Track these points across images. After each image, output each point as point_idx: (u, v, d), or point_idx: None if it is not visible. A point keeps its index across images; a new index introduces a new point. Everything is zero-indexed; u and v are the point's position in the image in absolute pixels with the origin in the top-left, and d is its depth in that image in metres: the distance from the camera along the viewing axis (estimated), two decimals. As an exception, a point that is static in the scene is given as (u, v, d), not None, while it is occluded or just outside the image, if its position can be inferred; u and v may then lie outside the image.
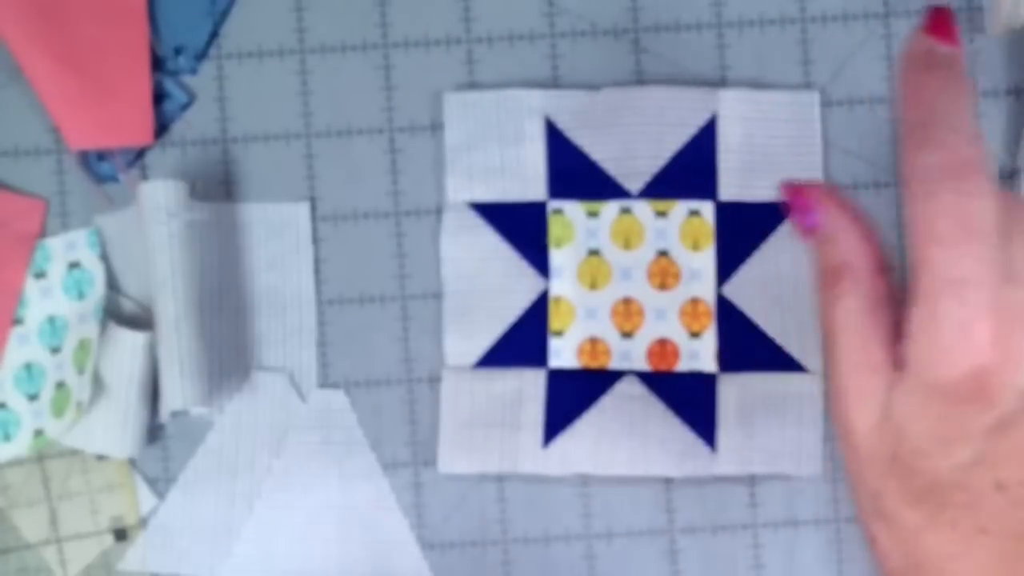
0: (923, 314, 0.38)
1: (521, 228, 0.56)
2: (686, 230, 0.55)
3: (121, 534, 0.56)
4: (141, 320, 0.55)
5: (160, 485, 0.56)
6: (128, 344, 0.54)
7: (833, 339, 0.42)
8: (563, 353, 0.55)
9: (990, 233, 0.37)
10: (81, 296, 0.55)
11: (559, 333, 0.56)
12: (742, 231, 0.55)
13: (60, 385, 0.54)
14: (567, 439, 0.55)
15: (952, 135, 0.38)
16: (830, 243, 0.41)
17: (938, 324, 0.38)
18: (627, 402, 0.55)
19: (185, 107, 0.56)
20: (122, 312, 0.56)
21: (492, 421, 0.55)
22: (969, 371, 0.38)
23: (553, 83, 0.56)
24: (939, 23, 0.40)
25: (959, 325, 0.37)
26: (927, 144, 0.39)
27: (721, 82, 0.56)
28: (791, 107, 0.55)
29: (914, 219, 0.38)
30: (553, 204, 0.56)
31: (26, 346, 0.55)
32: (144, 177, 0.56)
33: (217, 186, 0.56)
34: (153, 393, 0.55)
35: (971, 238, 0.37)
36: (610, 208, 0.55)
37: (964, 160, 0.38)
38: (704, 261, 0.55)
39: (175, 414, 0.54)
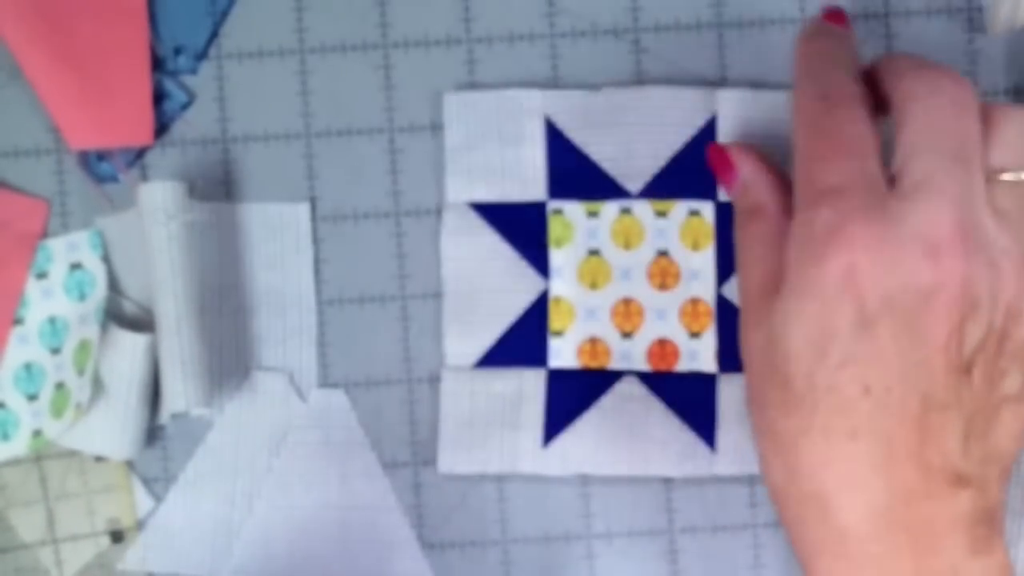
0: (800, 220, 0.43)
1: (521, 228, 0.56)
2: (686, 230, 0.55)
3: (117, 536, 0.56)
4: (142, 322, 0.55)
5: (159, 485, 0.56)
6: (128, 346, 0.54)
7: (741, 269, 0.48)
8: (563, 353, 0.55)
9: (864, 152, 0.43)
10: (82, 297, 0.55)
11: (559, 333, 0.55)
12: (742, 231, 0.56)
13: (60, 386, 0.54)
14: (567, 439, 0.55)
15: (833, 76, 0.45)
16: (747, 190, 0.49)
17: (812, 227, 0.42)
18: (627, 402, 0.55)
19: (185, 107, 0.56)
20: (123, 314, 0.56)
21: (492, 421, 0.55)
22: (838, 268, 0.41)
23: (553, 83, 0.56)
24: (833, 16, 0.49)
25: (830, 226, 0.42)
26: (812, 84, 0.46)
27: (721, 82, 0.56)
28: (791, 107, 0.55)
29: (797, 145, 0.45)
30: (553, 204, 0.56)
31: (26, 346, 0.55)
32: (144, 177, 0.56)
33: (217, 186, 0.56)
34: (153, 395, 0.55)
35: (845, 154, 0.43)
36: (610, 208, 0.55)
37: (841, 94, 0.44)
38: (704, 261, 0.55)
39: (176, 415, 0.54)
